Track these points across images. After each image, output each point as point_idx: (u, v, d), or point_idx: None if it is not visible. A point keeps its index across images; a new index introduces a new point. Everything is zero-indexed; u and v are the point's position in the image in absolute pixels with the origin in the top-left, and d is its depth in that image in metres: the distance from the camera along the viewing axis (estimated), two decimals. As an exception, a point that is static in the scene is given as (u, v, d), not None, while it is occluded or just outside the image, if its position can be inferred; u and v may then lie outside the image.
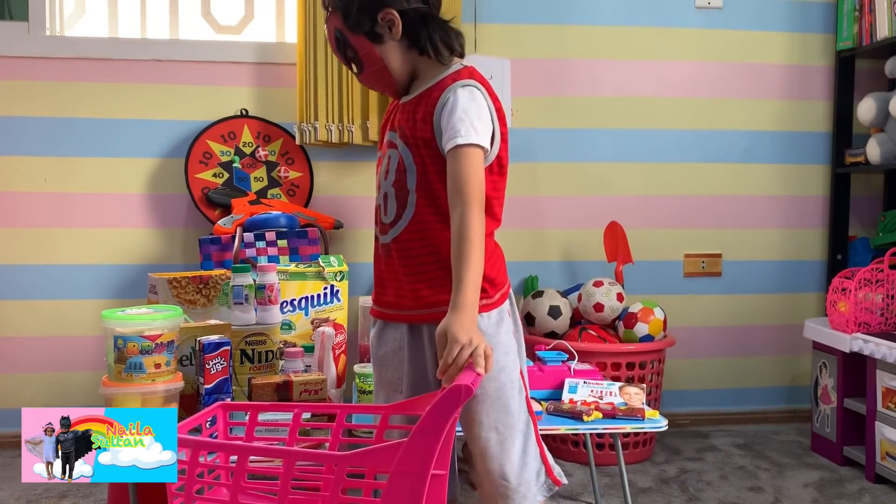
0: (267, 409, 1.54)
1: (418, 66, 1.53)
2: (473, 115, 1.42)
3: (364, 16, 1.47)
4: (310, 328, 2.25)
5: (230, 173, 2.88)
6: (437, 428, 1.14)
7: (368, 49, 1.49)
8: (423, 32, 1.50)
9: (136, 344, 1.68)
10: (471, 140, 1.40)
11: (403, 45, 1.51)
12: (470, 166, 1.40)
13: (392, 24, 1.48)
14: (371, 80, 1.56)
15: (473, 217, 1.38)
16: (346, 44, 1.51)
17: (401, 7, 1.48)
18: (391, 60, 1.50)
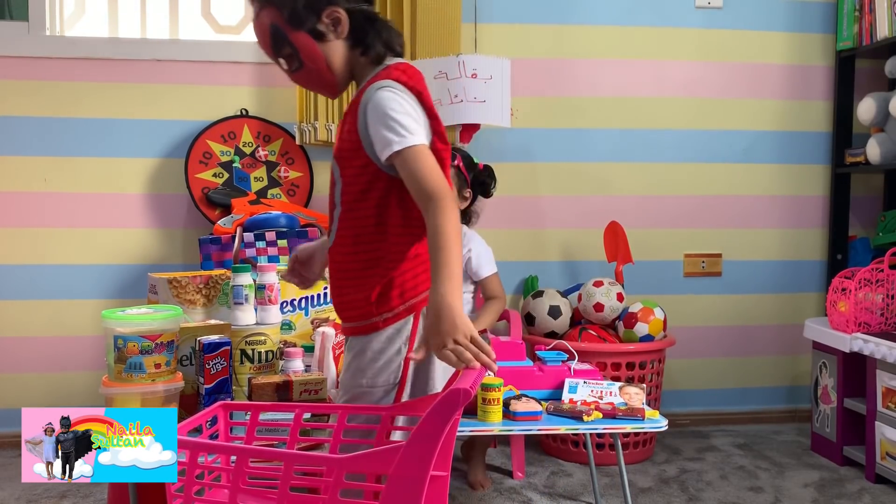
0: (268, 408, 1.54)
1: (356, 67, 1.49)
2: (395, 116, 1.37)
3: (309, 12, 1.42)
4: (310, 328, 2.24)
5: (230, 173, 2.88)
6: (435, 431, 1.14)
7: (311, 47, 1.44)
8: (371, 32, 1.46)
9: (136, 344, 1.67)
10: (405, 144, 1.36)
11: (348, 43, 1.46)
12: (420, 166, 1.36)
13: (338, 21, 1.44)
14: (308, 79, 1.50)
15: (444, 212, 1.34)
16: (284, 41, 1.44)
17: (346, 5, 1.44)
18: (334, 59, 1.46)
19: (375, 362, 1.44)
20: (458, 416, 1.24)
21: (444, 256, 1.33)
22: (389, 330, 1.44)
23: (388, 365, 1.44)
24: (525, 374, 2.19)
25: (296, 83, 1.57)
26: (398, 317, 1.44)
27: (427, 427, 1.14)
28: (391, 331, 1.44)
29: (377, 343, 1.44)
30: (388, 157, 1.38)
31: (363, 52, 1.47)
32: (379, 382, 1.45)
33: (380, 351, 1.44)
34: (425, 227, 1.40)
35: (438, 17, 2.88)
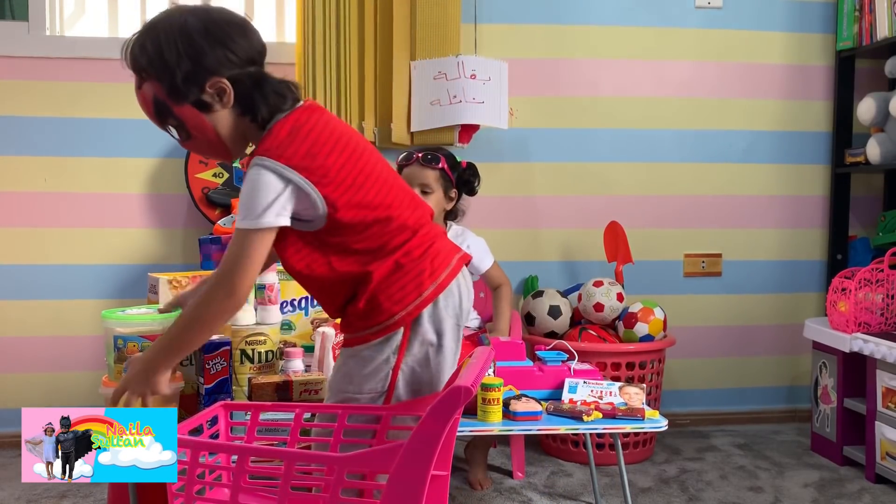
0: (268, 408, 1.54)
1: (248, 132, 1.44)
2: (251, 196, 1.34)
3: (190, 85, 1.36)
4: (310, 328, 2.24)
5: (230, 173, 2.88)
6: (436, 430, 1.13)
7: (197, 119, 1.39)
8: (257, 98, 1.39)
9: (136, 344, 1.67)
10: (239, 225, 1.36)
11: (236, 111, 1.41)
12: (237, 248, 1.36)
13: (223, 91, 1.38)
14: (201, 148, 1.47)
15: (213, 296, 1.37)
16: (168, 113, 1.39)
17: (230, 73, 1.38)
18: (222, 129, 1.41)
19: (363, 369, 1.43)
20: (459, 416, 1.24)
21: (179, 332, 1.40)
22: (378, 340, 1.43)
23: (375, 373, 1.43)
24: (525, 374, 2.19)
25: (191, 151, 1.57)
26: (387, 329, 1.42)
27: (428, 426, 1.13)
28: (381, 340, 1.43)
29: (367, 351, 1.43)
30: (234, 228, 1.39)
31: (252, 118, 1.42)
32: (365, 390, 1.44)
33: (369, 358, 1.43)
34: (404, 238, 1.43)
35: (438, 17, 2.88)
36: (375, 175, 1.44)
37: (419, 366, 1.44)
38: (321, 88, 2.84)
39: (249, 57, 1.41)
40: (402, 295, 1.42)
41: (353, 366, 1.45)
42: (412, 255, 1.44)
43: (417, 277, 1.42)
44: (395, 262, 1.42)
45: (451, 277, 1.46)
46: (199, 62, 1.36)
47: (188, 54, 1.36)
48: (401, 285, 1.42)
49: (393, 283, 1.42)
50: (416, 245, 1.45)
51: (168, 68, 1.36)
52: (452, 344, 1.47)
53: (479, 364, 1.29)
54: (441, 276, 1.44)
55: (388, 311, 1.41)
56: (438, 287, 1.44)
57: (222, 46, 1.38)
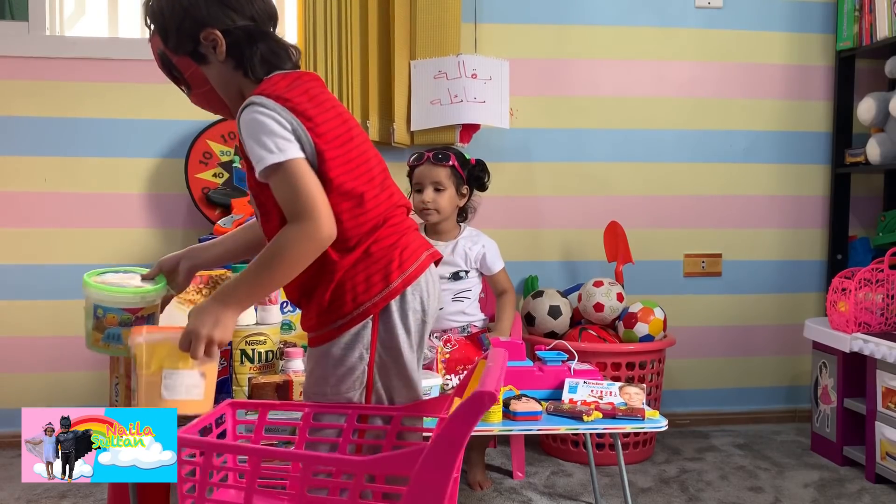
0: (276, 407, 1.53)
1: (244, 88, 1.45)
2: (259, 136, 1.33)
3: (185, 36, 1.42)
4: (310, 328, 2.24)
5: (230, 173, 2.87)
6: (459, 435, 1.12)
7: (193, 70, 1.45)
8: (248, 53, 1.42)
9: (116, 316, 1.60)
10: (269, 162, 1.32)
11: (229, 65, 1.44)
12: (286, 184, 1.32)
13: (216, 43, 1.41)
14: (202, 101, 1.51)
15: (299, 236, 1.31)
16: (169, 65, 1.47)
17: (224, 26, 1.41)
18: (217, 81, 1.45)
19: (337, 369, 1.41)
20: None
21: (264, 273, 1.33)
22: (347, 336, 1.40)
23: (350, 372, 1.41)
24: (525, 374, 2.19)
25: (197, 105, 1.58)
26: (353, 321, 1.39)
27: (451, 430, 1.12)
28: (349, 337, 1.40)
29: (336, 350, 1.40)
30: (259, 177, 1.36)
31: (244, 73, 1.44)
32: (342, 390, 1.42)
33: (340, 358, 1.40)
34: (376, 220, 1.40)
35: (438, 17, 2.88)
36: (361, 151, 1.44)
37: (391, 361, 1.42)
38: (321, 88, 2.84)
39: (249, 15, 1.44)
40: (368, 286, 1.39)
41: (327, 367, 1.42)
42: (381, 243, 1.42)
43: (386, 268, 1.40)
44: (364, 251, 1.40)
45: (420, 271, 1.44)
46: (192, 14, 1.42)
47: (184, 6, 1.42)
48: (367, 274, 1.40)
49: (359, 273, 1.39)
50: (386, 234, 1.43)
51: (166, 20, 1.44)
52: (417, 339, 1.45)
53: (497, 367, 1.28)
54: (410, 269, 1.42)
55: (354, 301, 1.38)
56: (407, 279, 1.41)
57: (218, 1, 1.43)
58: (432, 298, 1.47)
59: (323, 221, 1.32)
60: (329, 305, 1.40)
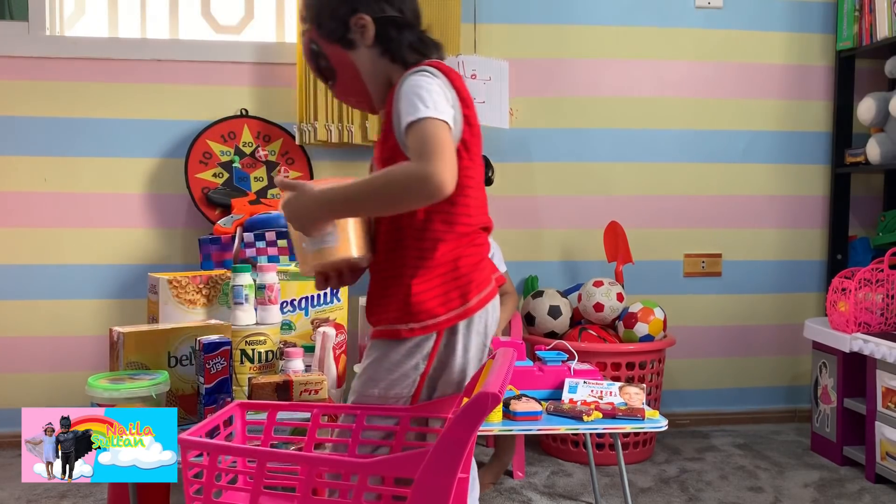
0: (285, 408, 1.52)
1: (391, 75, 1.47)
2: (421, 93, 1.33)
3: (337, 22, 1.45)
4: (310, 328, 2.24)
5: (230, 173, 2.88)
6: (463, 436, 1.12)
7: (341, 56, 1.46)
8: (395, 38, 1.46)
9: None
10: (420, 115, 1.30)
11: (376, 51, 1.47)
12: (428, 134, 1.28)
13: (364, 28, 1.45)
14: (345, 90, 1.51)
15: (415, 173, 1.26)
16: (318, 54, 1.48)
17: (373, 13, 1.45)
18: (363, 67, 1.47)
19: (391, 374, 1.40)
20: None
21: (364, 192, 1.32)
22: (410, 343, 1.39)
23: (403, 378, 1.40)
24: (525, 374, 2.19)
25: (339, 99, 1.59)
26: (425, 330, 1.38)
27: (455, 431, 1.12)
28: (412, 344, 1.39)
29: (396, 354, 1.40)
30: (405, 128, 1.32)
31: (392, 58, 1.47)
32: (391, 395, 1.41)
33: (397, 363, 1.40)
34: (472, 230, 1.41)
35: (438, 17, 2.88)
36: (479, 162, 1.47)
37: (443, 375, 1.43)
38: (321, 88, 2.84)
39: (398, 7, 1.49)
40: (447, 299, 1.39)
41: (380, 370, 1.41)
42: (468, 260, 1.42)
43: (466, 286, 1.40)
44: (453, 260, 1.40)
45: (491, 297, 1.46)
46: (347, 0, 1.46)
47: None
48: (449, 288, 1.40)
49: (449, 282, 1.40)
50: (472, 252, 1.43)
51: (322, 6, 1.48)
52: (476, 362, 1.45)
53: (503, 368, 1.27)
54: (484, 292, 1.43)
55: (431, 311, 1.38)
56: (481, 301, 1.42)
57: None
58: (493, 323, 1.48)
59: (445, 168, 1.26)
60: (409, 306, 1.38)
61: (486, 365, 1.40)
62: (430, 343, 1.39)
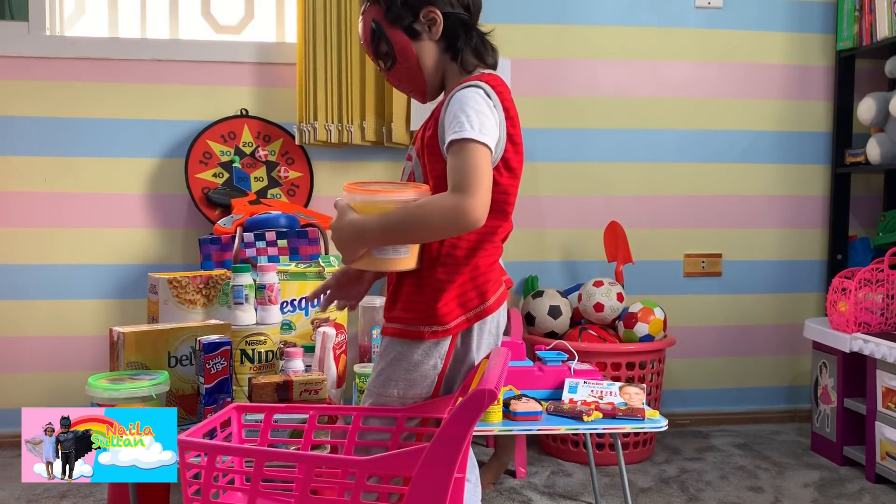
0: (282, 410, 1.53)
1: (447, 72, 1.50)
2: (470, 112, 1.35)
3: (407, 9, 1.45)
4: (310, 328, 2.24)
5: (230, 173, 2.88)
6: (460, 433, 1.12)
7: (405, 44, 1.46)
8: (462, 38, 1.48)
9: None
10: (465, 135, 1.32)
11: (440, 46, 1.48)
12: (468, 160, 1.31)
13: (434, 22, 1.46)
14: (401, 77, 1.51)
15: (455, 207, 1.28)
16: (381, 36, 1.47)
17: (444, 9, 1.47)
18: (425, 59, 1.48)
19: (410, 374, 1.41)
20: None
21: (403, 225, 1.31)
22: (429, 342, 1.40)
23: (422, 379, 1.41)
24: (525, 374, 2.19)
25: (390, 83, 1.59)
26: (447, 332, 1.39)
27: (451, 429, 1.12)
28: (430, 343, 1.40)
29: (415, 355, 1.40)
30: (448, 142, 1.35)
31: (453, 56, 1.49)
32: (410, 395, 1.42)
33: (416, 363, 1.40)
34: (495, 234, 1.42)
35: (438, 17, 2.87)
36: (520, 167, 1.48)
37: (459, 375, 1.44)
38: (321, 88, 2.84)
39: (465, 4, 1.51)
40: (467, 299, 1.41)
41: (398, 370, 1.41)
42: (487, 260, 1.43)
43: (484, 285, 1.42)
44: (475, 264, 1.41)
45: (505, 296, 1.47)
46: None
47: None
48: (467, 288, 1.41)
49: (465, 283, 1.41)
50: (490, 252, 1.45)
51: None
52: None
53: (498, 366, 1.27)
54: (500, 291, 1.45)
55: (453, 312, 1.40)
56: (498, 300, 1.44)
57: None
58: (503, 322, 1.50)
59: (480, 203, 1.30)
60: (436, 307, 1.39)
61: (482, 364, 1.41)
62: (447, 342, 1.41)
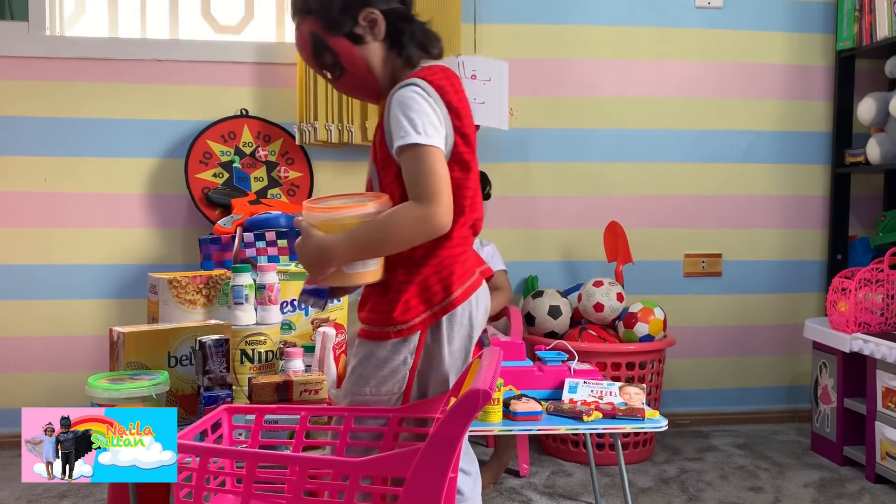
0: (273, 411, 1.52)
1: (395, 69, 1.48)
2: (411, 114, 1.34)
3: (345, 16, 1.42)
4: (310, 328, 2.24)
5: (230, 173, 2.88)
6: (454, 433, 1.12)
7: (349, 51, 1.44)
8: (406, 32, 1.46)
9: None
10: (411, 140, 1.32)
11: (385, 45, 1.46)
12: (419, 166, 1.32)
13: (374, 23, 1.44)
14: (351, 85, 1.49)
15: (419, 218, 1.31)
16: (324, 47, 1.45)
17: (381, 7, 1.44)
18: (374, 62, 1.45)
19: (380, 370, 1.41)
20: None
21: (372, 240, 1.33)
22: (396, 340, 1.41)
23: (393, 374, 1.42)
24: (525, 374, 2.19)
25: (341, 92, 1.56)
26: (411, 330, 1.40)
27: (446, 429, 1.12)
28: (397, 341, 1.41)
29: (383, 351, 1.41)
30: (396, 151, 1.35)
31: (399, 53, 1.46)
32: (383, 392, 1.42)
33: (385, 359, 1.41)
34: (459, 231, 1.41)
35: (438, 18, 2.87)
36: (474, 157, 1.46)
37: (432, 369, 1.44)
38: (322, 88, 2.84)
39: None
40: (431, 294, 1.41)
41: (369, 368, 1.42)
42: (451, 251, 1.43)
43: (448, 279, 1.42)
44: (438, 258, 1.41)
45: (474, 289, 1.46)
46: None
47: None
48: (431, 283, 1.41)
49: (427, 279, 1.41)
50: (456, 245, 1.44)
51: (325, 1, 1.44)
52: (460, 353, 1.46)
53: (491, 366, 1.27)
54: (467, 283, 1.44)
55: (416, 309, 1.40)
56: (464, 293, 1.43)
57: None
58: (480, 311, 1.49)
59: (444, 209, 1.33)
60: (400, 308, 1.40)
61: (474, 364, 1.40)
62: (416, 337, 1.41)
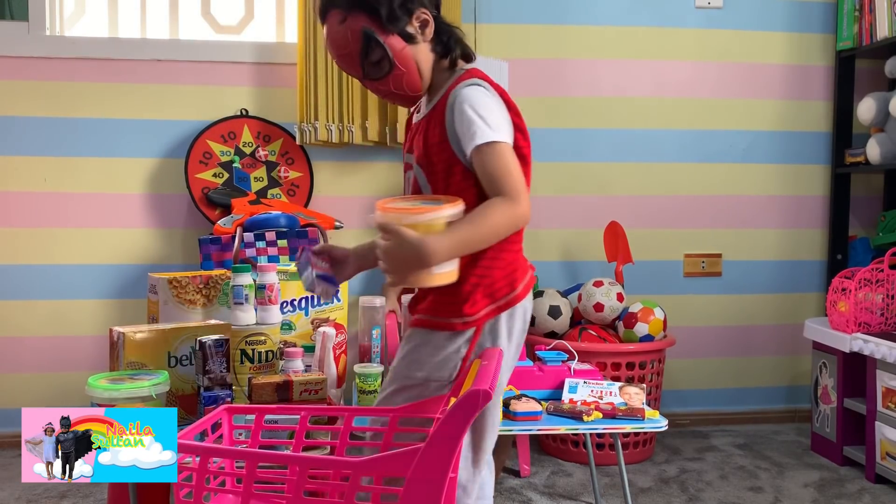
0: (273, 411, 1.52)
1: (435, 71, 1.49)
2: (483, 112, 1.38)
3: (403, 13, 1.42)
4: (310, 328, 2.24)
5: (230, 173, 2.88)
6: (456, 433, 1.12)
7: (402, 49, 1.42)
8: (453, 37, 1.48)
9: None
10: (488, 139, 1.37)
11: (430, 47, 1.47)
12: (498, 163, 1.38)
13: (426, 24, 1.45)
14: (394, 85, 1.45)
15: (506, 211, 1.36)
16: (376, 44, 1.40)
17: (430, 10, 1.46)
18: (421, 62, 1.45)
19: (434, 357, 1.43)
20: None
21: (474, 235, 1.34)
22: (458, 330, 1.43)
23: (446, 362, 1.43)
24: (525, 374, 2.19)
25: (376, 92, 1.52)
26: (475, 323, 1.42)
27: (447, 429, 1.12)
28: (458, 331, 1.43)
29: (439, 339, 1.43)
30: (470, 151, 1.38)
31: (441, 56, 1.48)
32: (434, 377, 1.43)
33: (440, 346, 1.43)
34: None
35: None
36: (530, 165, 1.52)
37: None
38: (322, 88, 2.84)
39: (437, 6, 1.51)
40: (496, 289, 1.43)
41: (424, 353, 1.44)
42: (514, 247, 1.46)
43: (512, 274, 1.45)
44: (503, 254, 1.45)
45: (532, 284, 1.49)
46: None
47: None
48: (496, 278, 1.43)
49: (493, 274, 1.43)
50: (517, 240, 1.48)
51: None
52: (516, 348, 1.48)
53: (492, 365, 1.28)
54: (527, 278, 1.48)
55: (480, 302, 1.42)
56: (525, 288, 1.47)
57: None
58: (530, 307, 1.52)
59: (527, 203, 1.41)
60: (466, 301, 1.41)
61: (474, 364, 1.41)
62: (473, 329, 1.43)
